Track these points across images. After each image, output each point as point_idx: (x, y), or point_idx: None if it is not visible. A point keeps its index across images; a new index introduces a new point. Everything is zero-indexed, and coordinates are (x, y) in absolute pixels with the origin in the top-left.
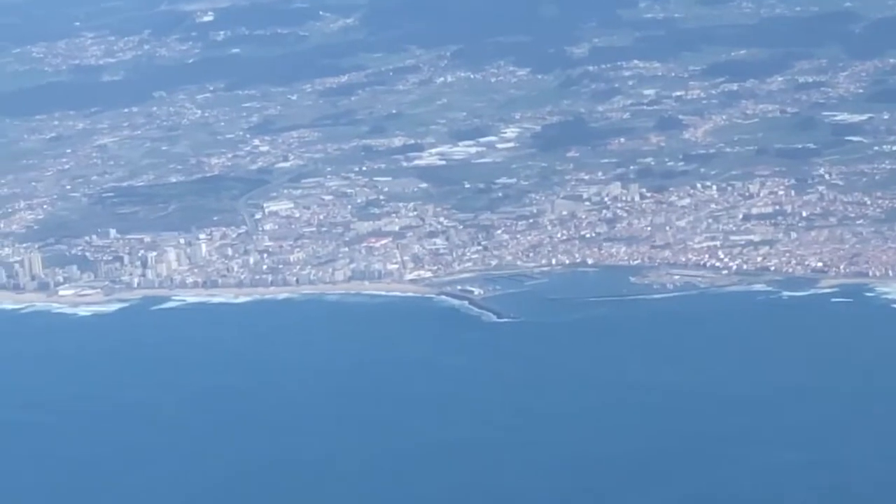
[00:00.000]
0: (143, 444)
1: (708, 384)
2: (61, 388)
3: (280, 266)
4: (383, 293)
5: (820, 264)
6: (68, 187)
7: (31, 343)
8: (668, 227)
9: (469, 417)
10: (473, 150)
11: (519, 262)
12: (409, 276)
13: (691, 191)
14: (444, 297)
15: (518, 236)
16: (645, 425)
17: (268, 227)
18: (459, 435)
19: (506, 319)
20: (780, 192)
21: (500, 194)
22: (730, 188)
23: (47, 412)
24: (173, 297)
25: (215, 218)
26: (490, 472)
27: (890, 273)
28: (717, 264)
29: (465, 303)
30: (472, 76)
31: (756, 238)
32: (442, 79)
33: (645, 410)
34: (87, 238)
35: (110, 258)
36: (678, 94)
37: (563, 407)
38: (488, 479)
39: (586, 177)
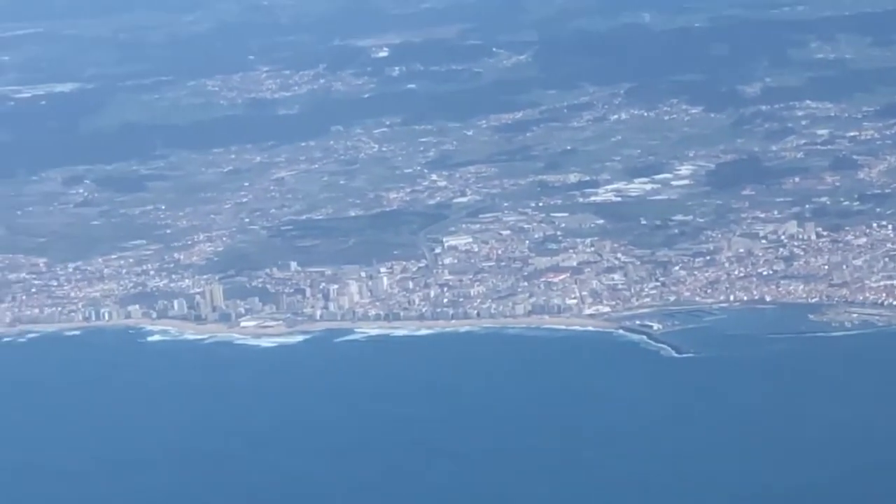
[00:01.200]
0: (344, 472)
1: (888, 422)
2: (261, 419)
3: (460, 299)
4: (563, 327)
5: None
6: (247, 220)
7: (220, 374)
8: (844, 266)
9: (651, 452)
10: (648, 186)
11: (697, 299)
12: (587, 311)
13: (867, 230)
14: (623, 331)
15: (695, 273)
16: (828, 460)
17: (447, 261)
18: (643, 470)
19: (685, 355)
20: None
21: (676, 231)
22: None
23: (252, 442)
24: (356, 330)
25: (395, 252)
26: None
27: None
28: (895, 303)
29: (644, 337)
30: (645, 114)
31: None
32: (616, 116)
33: (826, 446)
34: (267, 270)
35: (291, 290)
36: (852, 134)
37: (744, 441)
38: None
39: (762, 215)
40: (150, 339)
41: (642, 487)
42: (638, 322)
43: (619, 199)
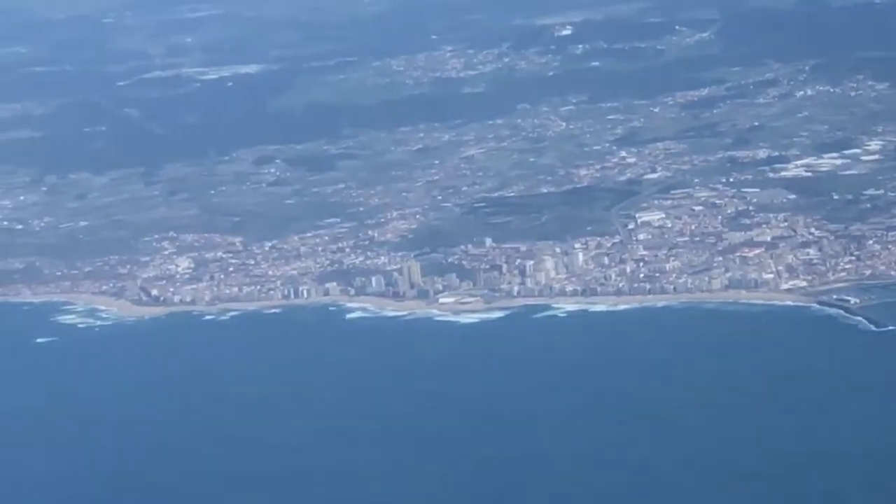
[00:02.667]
0: (559, 442)
1: None
2: (472, 392)
3: (656, 275)
4: (760, 302)
5: None
6: (439, 197)
7: (424, 349)
8: None
9: (859, 424)
10: (838, 161)
11: (893, 273)
12: (784, 286)
13: None
14: (820, 306)
15: (890, 247)
16: None
17: (641, 236)
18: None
19: (884, 328)
20: None
21: (868, 205)
22: None
23: (467, 415)
24: (553, 305)
25: (588, 228)
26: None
27: None
28: None
29: (842, 312)
30: (831, 90)
31: None
32: (801, 92)
33: None
34: (462, 247)
35: (487, 267)
36: None
37: None
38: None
39: None
40: (350, 315)
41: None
42: (835, 296)
43: (809, 174)
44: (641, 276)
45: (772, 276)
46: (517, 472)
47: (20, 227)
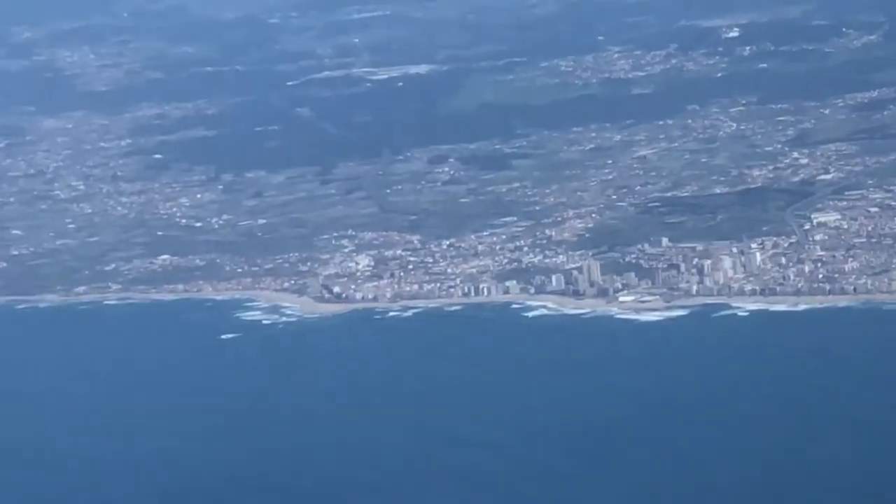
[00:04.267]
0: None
1: None
2: (662, 389)
3: (835, 275)
4: None
5: None
6: (613, 197)
7: (608, 347)
8: None
9: None
10: None
11: None
12: None
13: None
14: None
15: None
16: None
17: (818, 237)
18: None
19: None
20: None
21: None
22: None
23: (658, 413)
24: (732, 305)
25: (764, 228)
26: None
27: None
28: None
29: None
30: None
31: None
32: None
33: None
34: (639, 246)
35: (665, 266)
36: None
37: None
38: None
39: None
40: (531, 313)
41: None
42: None
43: None
44: (820, 276)
45: None
46: (716, 468)
47: (199, 224)
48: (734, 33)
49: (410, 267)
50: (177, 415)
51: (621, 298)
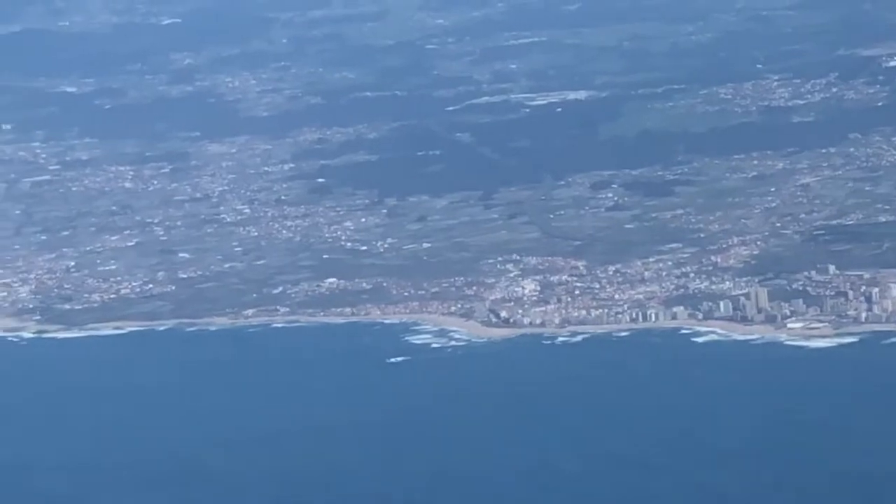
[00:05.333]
0: None
1: None
2: (837, 415)
3: None
4: None
5: None
6: (778, 224)
7: (781, 373)
8: None
9: None
10: None
11: None
12: None
13: None
14: None
15: None
16: None
17: None
18: None
19: None
20: None
21: None
22: None
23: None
24: None
25: None
26: None
27: None
28: None
29: None
30: None
31: None
32: None
33: None
34: (805, 273)
35: (832, 293)
36: None
37: None
38: None
39: None
40: (700, 339)
41: None
42: None
43: None
44: None
45: None
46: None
47: (364, 248)
48: (894, 62)
49: (577, 292)
50: (349, 436)
51: (790, 325)
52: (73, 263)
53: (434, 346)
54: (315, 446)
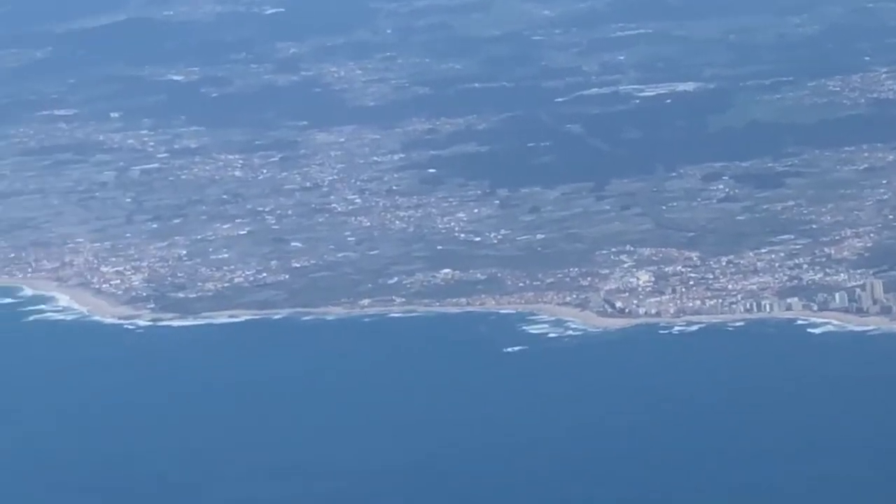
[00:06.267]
0: None
1: None
2: None
3: None
4: None
5: None
6: (890, 216)
7: None
8: None
9: None
10: None
11: None
12: None
13: None
14: None
15: None
16: None
17: None
18: None
19: None
20: None
21: None
22: None
23: None
24: None
25: None
26: None
27: None
28: None
29: None
30: None
31: None
32: None
33: None
34: None
35: None
36: None
37: None
38: None
39: None
40: (815, 330)
41: None
42: None
43: None
44: None
45: None
46: None
47: (478, 239)
48: None
49: (691, 283)
50: (470, 425)
51: None
52: (185, 252)
53: (550, 335)
54: (442, 435)
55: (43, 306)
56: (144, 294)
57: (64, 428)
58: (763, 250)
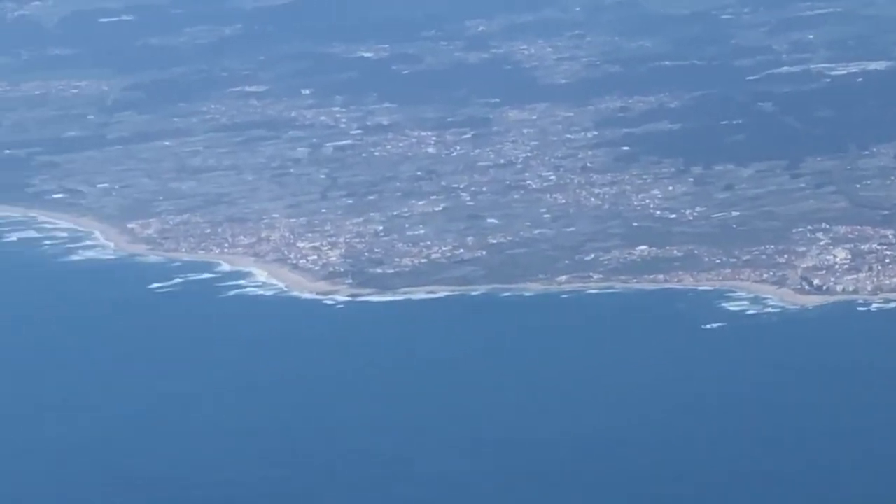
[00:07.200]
0: None
1: None
2: None
3: None
4: None
5: None
6: None
7: None
8: None
9: None
10: None
11: None
12: None
13: None
14: None
15: None
16: None
17: None
18: None
19: None
20: None
21: None
22: None
23: None
24: None
25: None
26: None
27: None
28: None
29: None
30: None
31: None
32: None
33: None
34: None
35: None
36: None
37: None
38: None
39: None
40: None
41: None
42: None
43: None
44: None
45: None
46: None
47: (673, 216)
48: None
49: (888, 261)
50: (672, 399)
51: None
52: (381, 227)
53: (749, 312)
54: (643, 411)
55: (242, 281)
56: (342, 270)
57: (270, 401)
58: None
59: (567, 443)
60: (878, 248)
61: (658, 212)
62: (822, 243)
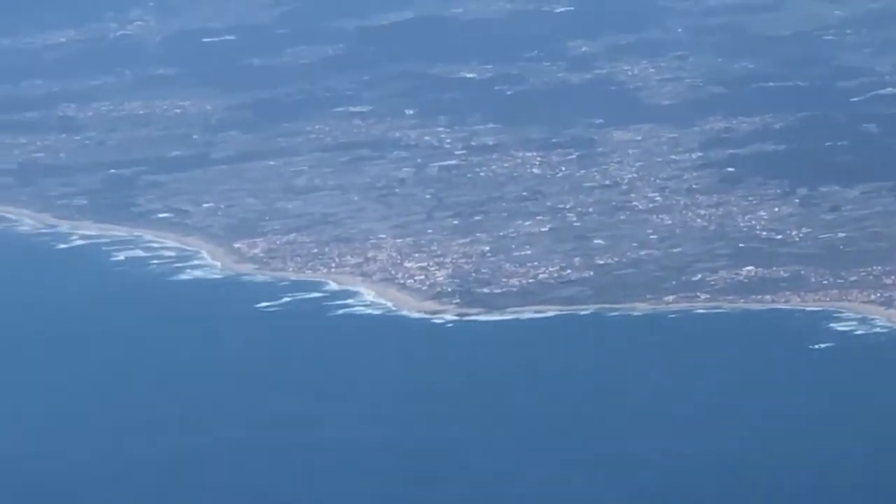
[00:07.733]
0: None
1: None
2: None
3: None
4: None
5: None
6: None
7: None
8: None
9: None
10: None
11: None
12: None
13: None
14: None
15: None
16: None
17: None
18: None
19: None
20: None
21: None
22: None
23: None
24: None
25: None
26: None
27: None
28: None
29: None
30: None
31: None
32: None
33: None
34: None
35: None
36: None
37: None
38: None
39: None
40: None
41: None
42: None
43: None
44: None
45: None
46: None
47: (779, 237)
48: None
49: None
50: (783, 420)
51: None
52: (487, 248)
53: (857, 333)
54: (753, 429)
55: (350, 300)
56: (449, 289)
57: (384, 417)
58: None
59: (678, 462)
60: None
61: (764, 233)
62: None
